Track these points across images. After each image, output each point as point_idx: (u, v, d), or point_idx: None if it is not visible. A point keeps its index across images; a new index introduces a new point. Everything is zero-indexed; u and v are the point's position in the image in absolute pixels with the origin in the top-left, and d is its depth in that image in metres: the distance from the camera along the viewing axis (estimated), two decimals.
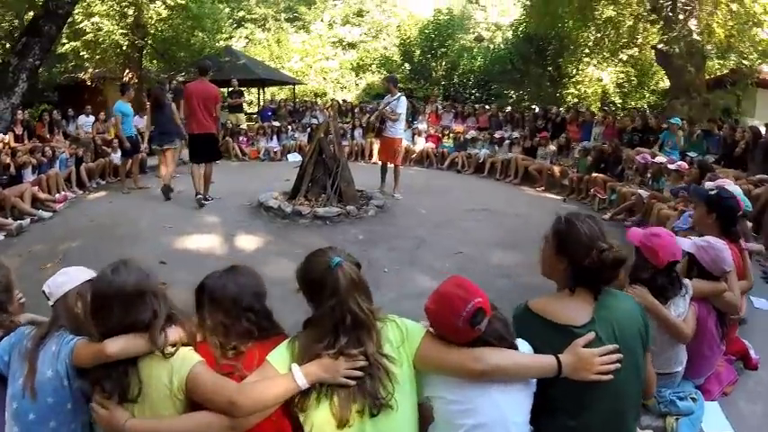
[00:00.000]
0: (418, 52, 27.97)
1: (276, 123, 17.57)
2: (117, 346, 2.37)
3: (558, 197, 12.47)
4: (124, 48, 20.07)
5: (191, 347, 2.47)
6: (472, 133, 16.17)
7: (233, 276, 2.66)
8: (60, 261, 7.06)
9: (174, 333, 2.44)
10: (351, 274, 2.31)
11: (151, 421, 2.36)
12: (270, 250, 7.54)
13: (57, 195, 10.47)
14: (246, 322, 2.52)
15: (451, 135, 16.37)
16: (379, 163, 11.69)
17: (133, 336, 2.39)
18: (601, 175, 11.66)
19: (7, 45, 17.93)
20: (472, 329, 2.24)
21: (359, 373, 2.24)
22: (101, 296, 2.47)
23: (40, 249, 7.81)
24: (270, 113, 18.89)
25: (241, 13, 33.51)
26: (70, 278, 2.84)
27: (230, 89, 17.54)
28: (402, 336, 2.38)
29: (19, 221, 8.79)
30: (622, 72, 22.83)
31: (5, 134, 11.67)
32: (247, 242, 7.84)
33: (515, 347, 2.38)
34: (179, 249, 7.53)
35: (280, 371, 2.30)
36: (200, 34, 22.48)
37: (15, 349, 2.82)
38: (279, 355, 2.35)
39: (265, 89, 26.80)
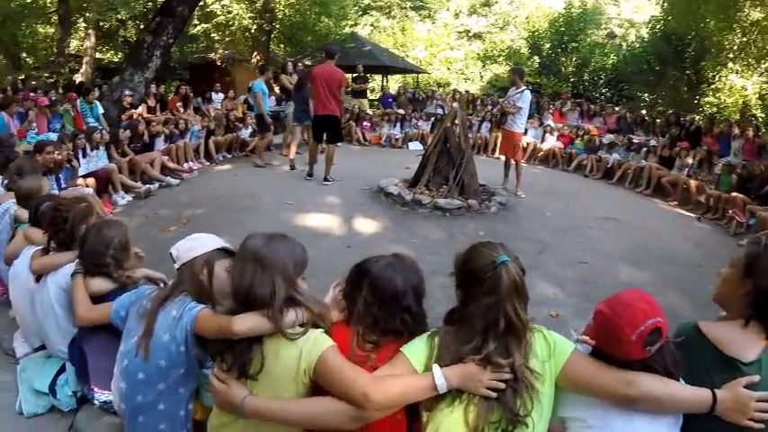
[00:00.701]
0: (547, 46, 27.27)
1: (400, 111, 17.59)
2: (245, 325, 2.31)
3: (692, 215, 11.49)
4: (252, 31, 20.72)
5: (322, 330, 2.38)
6: (609, 137, 15.28)
7: (401, 269, 2.52)
8: (183, 226, 7.45)
9: (292, 315, 2.34)
10: (515, 277, 2.16)
11: (272, 401, 2.28)
12: (387, 236, 7.46)
13: (185, 165, 11.15)
14: (400, 323, 2.42)
15: (585, 136, 15.62)
16: (502, 158, 11.30)
17: (260, 315, 2.31)
18: (741, 195, 10.60)
19: (141, 25, 18.96)
20: (642, 348, 2.03)
21: (502, 386, 2.11)
22: (239, 256, 2.49)
23: (165, 213, 8.23)
24: (390, 100, 19.00)
25: (366, 1, 33.90)
26: (200, 244, 2.87)
27: (355, 75, 17.59)
28: (549, 350, 2.22)
29: (148, 186, 9.49)
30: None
31: (138, 106, 12.47)
32: (365, 226, 7.82)
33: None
34: (297, 226, 7.52)
35: (415, 367, 2.20)
36: (326, 20, 23.02)
37: (134, 307, 2.93)
38: (415, 349, 2.26)
39: (389, 77, 26.86)
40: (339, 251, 6.64)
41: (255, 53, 21.71)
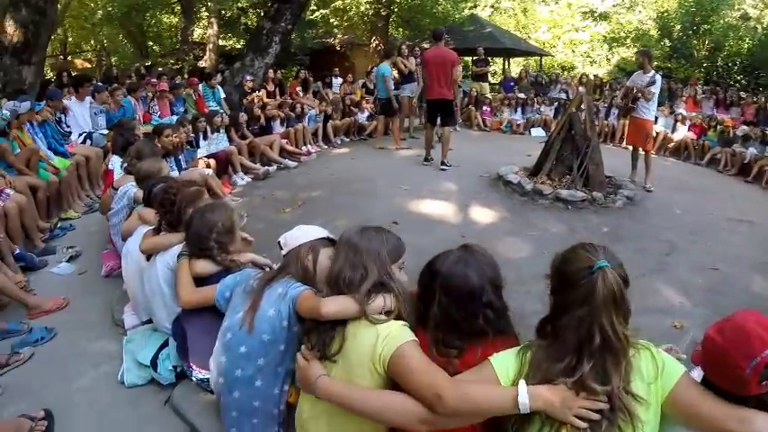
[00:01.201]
0: (678, 27, 25.47)
1: (521, 95, 17.08)
2: (332, 308, 2.37)
3: None
4: (370, 15, 20.89)
5: (405, 323, 2.34)
6: (743, 129, 13.57)
7: (473, 262, 2.39)
8: (299, 207, 7.65)
9: (380, 301, 2.35)
10: (613, 286, 1.93)
11: (343, 386, 2.27)
12: (503, 227, 7.22)
13: (303, 148, 11.47)
14: (483, 321, 2.30)
15: (718, 127, 14.18)
16: (630, 148, 10.52)
17: (348, 299, 2.35)
18: None
19: (261, 13, 19.42)
20: (758, 383, 1.79)
21: (596, 416, 1.92)
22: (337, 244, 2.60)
23: (281, 195, 8.43)
24: (512, 84, 18.45)
25: None
26: (305, 234, 2.97)
27: (475, 58, 17.21)
28: (657, 371, 1.99)
29: (266, 167, 9.78)
30: None
31: (258, 90, 12.88)
32: (481, 215, 7.62)
33: None
34: (412, 212, 7.52)
35: (500, 379, 2.06)
36: (443, 2, 22.76)
37: (239, 287, 3.04)
38: (504, 361, 2.11)
39: (510, 60, 26.32)
40: (453, 240, 6.23)
41: (374, 38, 21.86)
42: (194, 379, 3.46)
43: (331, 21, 22.28)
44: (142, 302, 4.20)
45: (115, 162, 5.95)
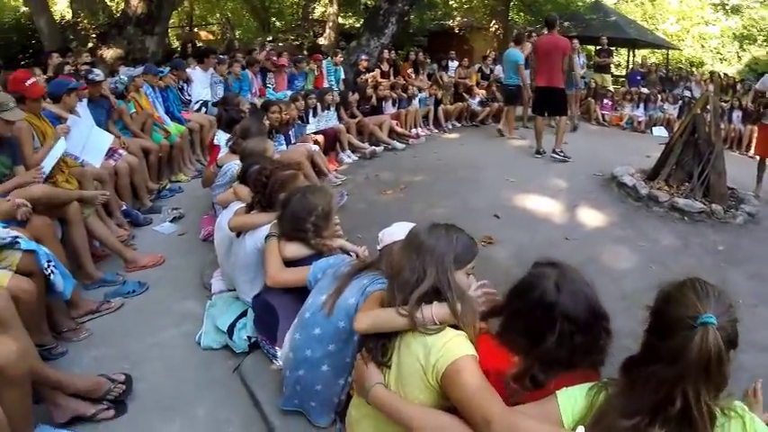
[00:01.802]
0: None
1: (645, 90, 16.00)
2: (363, 323, 2.34)
3: None
4: None
5: (463, 334, 2.17)
6: None
7: (582, 284, 2.15)
8: (401, 191, 7.50)
9: (428, 312, 2.16)
10: (711, 350, 1.58)
11: (395, 399, 2.16)
12: (611, 233, 6.56)
13: (413, 131, 11.33)
14: (582, 352, 2.09)
15: None
16: (757, 158, 9.37)
17: (387, 312, 2.26)
18: None
19: None
20: None
21: None
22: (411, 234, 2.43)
23: (385, 176, 8.32)
24: (639, 78, 17.29)
25: None
26: (401, 231, 2.80)
27: (598, 47, 16.53)
28: None
29: (373, 147, 9.74)
30: None
31: (373, 70, 12.78)
32: (589, 217, 7.03)
33: None
34: (516, 207, 7.11)
35: (563, 417, 1.86)
36: None
37: (331, 269, 3.05)
38: (572, 398, 1.90)
39: (636, 51, 24.82)
40: (555, 242, 6.10)
41: (493, 21, 21.43)
42: (266, 352, 3.53)
43: (450, 2, 22.09)
44: (228, 272, 4.30)
45: (220, 137, 6.06)
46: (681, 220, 7.02)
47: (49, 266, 3.54)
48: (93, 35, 11.78)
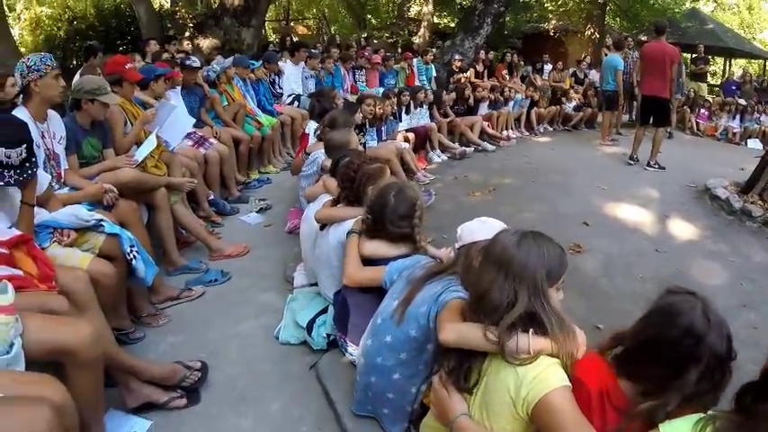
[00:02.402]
0: None
1: (742, 101, 15.15)
2: (452, 335, 2.07)
3: None
4: (587, 2, 20.03)
5: (557, 361, 1.93)
6: None
7: (721, 319, 1.89)
8: (489, 193, 7.29)
9: (523, 342, 1.90)
10: None
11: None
12: (702, 247, 6.19)
13: (504, 133, 11.03)
14: (711, 389, 1.83)
15: None
16: None
17: (477, 330, 1.97)
18: None
19: None
20: None
21: None
22: (485, 251, 2.13)
23: (474, 177, 8.09)
24: (734, 88, 16.46)
25: None
26: (483, 228, 2.56)
27: (694, 55, 15.98)
28: None
29: (464, 148, 9.50)
30: None
31: (467, 70, 12.50)
32: (680, 229, 6.66)
33: None
34: (606, 215, 6.83)
35: None
36: None
37: (406, 271, 2.83)
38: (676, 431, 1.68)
39: (732, 60, 23.75)
40: (645, 253, 5.80)
41: (589, 25, 20.85)
42: (344, 351, 3.35)
43: (546, 5, 21.69)
44: (311, 266, 4.14)
45: (311, 127, 5.92)
46: None
47: (131, 252, 3.47)
48: (191, 24, 11.96)
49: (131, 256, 3.46)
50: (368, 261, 3.24)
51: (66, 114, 4.28)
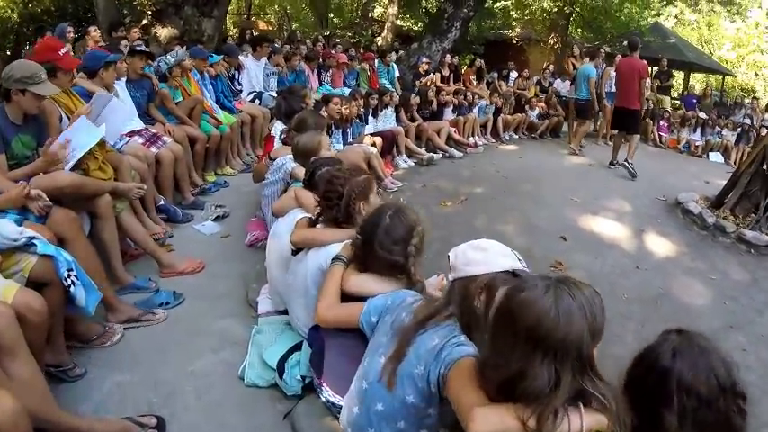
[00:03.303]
0: None
1: (703, 115, 15.25)
2: (486, 427, 1.59)
3: None
4: (553, 13, 19.93)
5: None
6: None
7: (705, 348, 1.68)
8: (460, 203, 6.99)
9: (576, 423, 1.53)
10: None
11: None
12: (681, 263, 6.16)
13: (470, 139, 10.71)
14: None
15: None
16: None
17: (513, 418, 1.56)
18: None
19: None
20: None
21: None
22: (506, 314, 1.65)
23: (443, 185, 7.77)
24: (694, 101, 16.58)
25: None
26: (486, 260, 2.08)
27: (656, 69, 16.00)
28: None
29: (431, 154, 9.16)
30: None
31: (433, 74, 12.20)
32: (657, 245, 6.56)
33: None
34: (582, 228, 6.65)
35: None
36: (629, 6, 21.25)
37: (389, 315, 2.26)
38: None
39: (692, 75, 23.97)
40: (626, 270, 5.70)
41: (552, 35, 20.85)
42: (323, 399, 2.72)
43: (511, 13, 21.53)
44: (281, 292, 3.53)
45: (277, 128, 5.35)
46: (748, 253, 6.66)
47: (69, 276, 2.87)
48: (149, 12, 11.29)
49: (69, 281, 2.86)
50: (351, 297, 2.64)
51: None
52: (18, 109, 3.55)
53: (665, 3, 27.97)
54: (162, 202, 5.28)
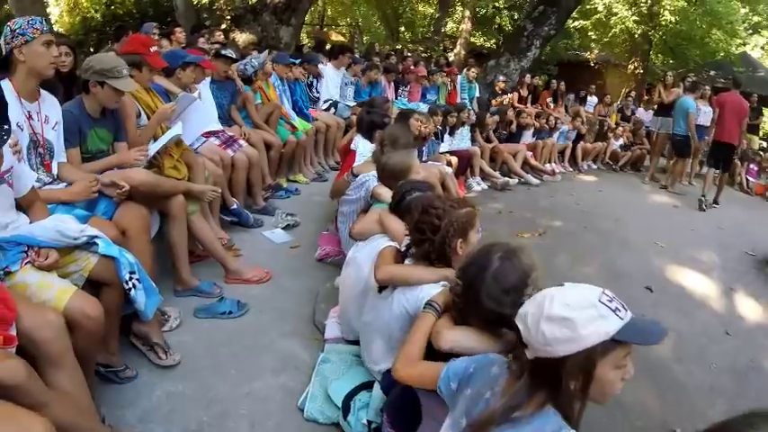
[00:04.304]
0: None
1: None
2: None
3: None
4: (636, 36, 19.26)
5: None
6: None
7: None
8: (539, 236, 6.54)
9: None
10: None
11: None
12: None
13: (547, 165, 10.15)
14: None
15: None
16: None
17: None
18: None
19: (515, 15, 18.73)
20: None
21: None
22: None
23: (519, 214, 7.32)
24: None
25: (756, 18, 28.45)
26: (575, 336, 1.51)
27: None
28: None
29: (506, 178, 8.72)
30: None
31: (510, 93, 11.76)
32: (747, 308, 5.81)
33: None
34: (669, 279, 6.04)
35: None
36: (717, 33, 19.94)
37: (471, 388, 1.84)
38: None
39: None
40: (715, 336, 5.07)
41: (633, 59, 20.00)
42: None
43: (589, 33, 20.82)
44: (355, 324, 3.19)
45: (359, 143, 4.98)
46: None
47: (131, 279, 2.66)
48: (228, 17, 11.34)
49: (131, 284, 2.66)
50: (444, 355, 2.16)
51: (72, 98, 3.46)
52: (96, 102, 3.37)
53: (750, 32, 26.44)
54: (235, 206, 5.08)
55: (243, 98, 6.05)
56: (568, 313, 1.53)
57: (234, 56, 5.81)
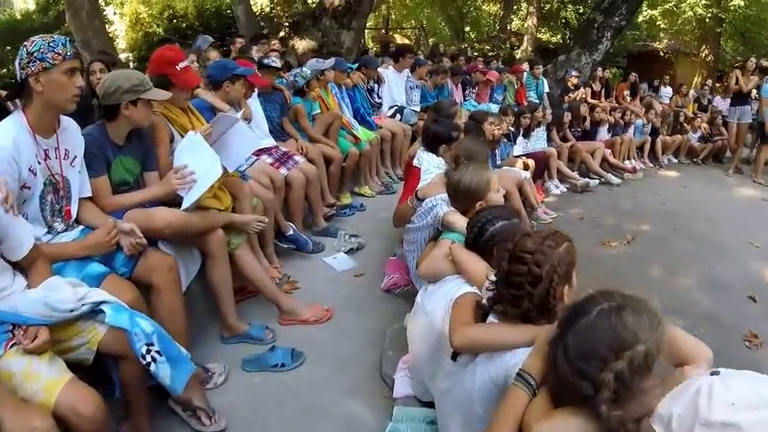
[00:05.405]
0: None
1: None
2: None
3: None
4: (707, 22, 17.93)
5: None
6: None
7: None
8: (627, 244, 5.68)
9: None
10: None
11: None
12: None
13: (626, 163, 9.24)
14: None
15: None
16: None
17: None
18: None
19: (580, 9, 17.93)
20: None
21: None
22: None
23: (603, 219, 6.50)
24: None
25: None
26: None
27: None
28: None
29: (586, 179, 7.86)
30: None
31: (583, 88, 10.77)
32: None
33: None
34: None
35: None
36: None
37: None
38: None
39: None
40: None
41: (703, 47, 18.65)
42: None
43: (658, 23, 19.56)
44: (428, 383, 2.48)
45: (423, 158, 4.10)
46: None
47: (149, 352, 2.04)
48: (286, 24, 10.86)
49: (148, 359, 2.05)
50: None
51: (90, 123, 2.84)
52: (124, 126, 2.76)
53: None
54: (291, 232, 4.42)
55: (293, 111, 5.39)
56: (734, 417, 1.11)
57: (274, 64, 5.15)
